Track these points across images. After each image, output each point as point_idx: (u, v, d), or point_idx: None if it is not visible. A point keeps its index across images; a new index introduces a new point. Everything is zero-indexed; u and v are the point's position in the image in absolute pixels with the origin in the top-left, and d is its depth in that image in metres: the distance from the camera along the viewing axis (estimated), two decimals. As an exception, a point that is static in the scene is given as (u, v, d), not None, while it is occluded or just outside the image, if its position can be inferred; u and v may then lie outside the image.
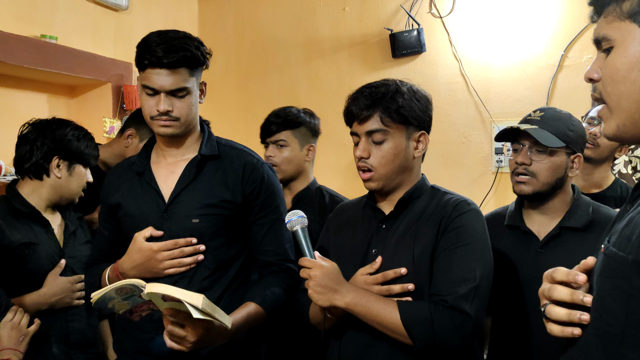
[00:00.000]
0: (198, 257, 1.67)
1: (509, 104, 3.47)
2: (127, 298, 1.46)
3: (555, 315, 0.96)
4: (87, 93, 3.37)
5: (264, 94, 4.01)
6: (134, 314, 1.55)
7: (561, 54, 3.32)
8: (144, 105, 1.67)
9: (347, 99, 1.55)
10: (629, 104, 0.92)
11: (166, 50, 1.59)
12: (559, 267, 0.99)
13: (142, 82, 1.65)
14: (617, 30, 0.93)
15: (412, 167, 1.56)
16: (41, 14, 2.94)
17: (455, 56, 3.56)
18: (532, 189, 1.70)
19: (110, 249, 1.83)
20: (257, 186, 1.73)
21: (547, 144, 1.67)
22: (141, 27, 3.58)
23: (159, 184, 1.73)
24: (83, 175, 2.13)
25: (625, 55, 0.92)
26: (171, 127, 1.66)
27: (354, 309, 1.42)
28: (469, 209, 1.48)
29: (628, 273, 0.84)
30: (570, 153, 1.71)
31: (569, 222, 1.69)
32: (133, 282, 1.39)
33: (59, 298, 2.00)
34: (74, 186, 2.10)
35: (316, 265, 1.44)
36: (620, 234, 0.89)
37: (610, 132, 0.97)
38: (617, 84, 0.93)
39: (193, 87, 1.67)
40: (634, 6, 0.92)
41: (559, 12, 3.31)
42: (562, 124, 1.72)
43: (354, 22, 3.78)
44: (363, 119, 1.50)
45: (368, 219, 1.60)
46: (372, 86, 1.53)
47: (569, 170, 1.72)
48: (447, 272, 1.41)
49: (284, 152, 2.31)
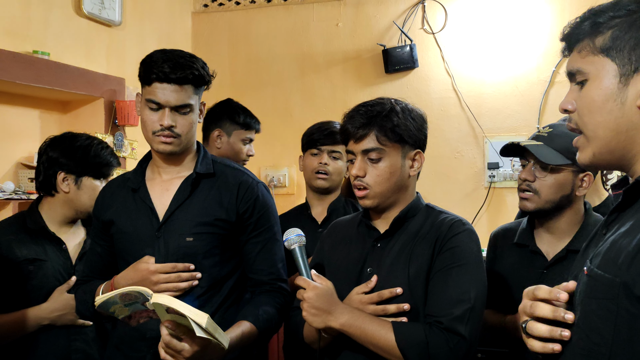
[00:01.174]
0: (193, 283, 1.67)
1: (501, 119, 3.49)
2: (129, 305, 1.46)
3: (537, 332, 0.98)
4: (79, 108, 3.36)
5: (257, 108, 3.98)
6: (132, 319, 1.55)
7: (552, 70, 3.35)
8: (146, 121, 1.67)
9: (343, 117, 1.56)
10: (605, 133, 0.97)
11: (174, 67, 1.61)
12: (541, 285, 1.02)
13: (147, 97, 1.65)
14: (591, 64, 0.98)
15: (408, 185, 1.56)
16: (34, 30, 2.93)
17: (448, 72, 3.58)
18: (535, 206, 1.68)
19: (102, 266, 1.82)
20: (251, 205, 1.73)
21: (546, 161, 1.65)
22: (134, 42, 3.58)
23: (154, 201, 1.72)
24: (94, 188, 2.05)
25: (600, 88, 0.97)
26: (171, 144, 1.66)
27: (348, 330, 1.41)
28: (464, 229, 1.48)
29: (615, 294, 0.88)
30: (578, 171, 1.66)
31: (574, 245, 1.66)
32: (140, 290, 1.39)
33: (61, 314, 1.96)
34: (84, 200, 2.05)
35: (310, 286, 1.44)
36: (604, 257, 0.92)
37: (587, 160, 1.01)
38: (594, 114, 0.98)
39: (196, 105, 1.69)
40: (607, 42, 0.96)
41: (550, 29, 3.35)
42: (568, 140, 1.70)
43: (347, 37, 3.80)
44: (359, 137, 1.50)
45: (363, 237, 1.59)
46: (368, 105, 1.53)
47: (577, 189, 1.68)
48: (442, 292, 1.41)
49: (338, 163, 2.37)
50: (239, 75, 4.03)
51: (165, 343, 1.41)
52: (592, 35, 0.98)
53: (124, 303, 1.45)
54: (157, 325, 1.55)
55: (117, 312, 1.50)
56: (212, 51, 4.04)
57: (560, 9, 3.36)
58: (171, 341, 1.40)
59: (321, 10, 3.86)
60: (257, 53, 4.01)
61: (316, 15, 3.87)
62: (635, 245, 0.87)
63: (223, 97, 4.00)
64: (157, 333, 1.46)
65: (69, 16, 3.14)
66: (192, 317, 1.31)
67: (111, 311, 1.48)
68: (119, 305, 1.46)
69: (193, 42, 4.13)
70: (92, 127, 3.25)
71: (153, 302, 1.36)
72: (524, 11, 3.44)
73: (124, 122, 3.32)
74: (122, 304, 1.45)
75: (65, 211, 2.07)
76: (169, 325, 1.39)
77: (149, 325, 1.62)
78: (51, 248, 2.03)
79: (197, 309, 1.33)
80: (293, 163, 3.86)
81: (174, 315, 1.37)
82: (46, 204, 2.08)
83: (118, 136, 3.35)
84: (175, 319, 1.38)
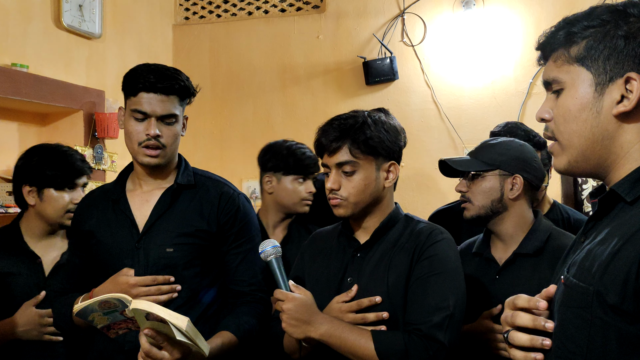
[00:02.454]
0: (173, 295, 1.66)
1: (481, 130, 3.53)
2: (108, 313, 1.45)
3: (519, 341, 0.99)
4: (58, 121, 3.33)
5: (239, 120, 4.02)
6: (110, 330, 1.54)
7: (530, 82, 3.41)
8: (131, 132, 1.67)
9: (317, 130, 1.57)
10: (580, 142, 0.98)
11: (160, 77, 1.64)
12: (521, 294, 1.02)
13: (133, 107, 1.66)
14: (567, 73, 1.00)
15: (384, 196, 1.57)
16: (12, 42, 2.91)
17: (427, 84, 3.62)
18: (471, 214, 1.76)
19: (80, 278, 1.80)
20: (232, 216, 1.73)
21: (463, 169, 1.75)
22: (114, 55, 3.57)
23: (134, 212, 1.72)
24: (57, 199, 2.01)
25: (576, 97, 0.98)
26: (157, 157, 1.67)
27: (328, 340, 1.42)
28: (442, 237, 1.50)
29: (589, 303, 0.88)
30: (506, 176, 1.73)
31: (522, 249, 1.72)
32: (119, 297, 1.38)
33: (26, 329, 1.92)
34: (49, 211, 2.02)
35: (288, 297, 1.44)
36: (579, 266, 0.93)
37: (562, 166, 1.03)
38: (569, 123, 0.99)
39: (180, 116, 1.71)
40: (582, 51, 0.98)
41: (526, 41, 3.41)
42: (493, 149, 1.78)
43: (328, 50, 3.83)
44: (332, 150, 1.52)
45: (343, 248, 1.60)
46: (341, 118, 1.55)
47: (507, 193, 1.73)
48: (421, 300, 1.42)
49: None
50: (220, 87, 4.04)
51: (145, 352, 1.41)
52: (567, 45, 1.00)
53: (103, 311, 1.44)
54: (135, 337, 1.54)
55: (95, 321, 1.48)
56: (193, 63, 4.04)
57: (536, 22, 3.43)
58: (151, 350, 1.40)
59: (302, 22, 3.88)
60: (238, 65, 4.02)
61: (297, 28, 3.90)
62: (609, 254, 0.88)
63: (204, 109, 4.01)
64: (136, 345, 1.45)
65: (48, 29, 3.12)
66: (172, 320, 1.30)
67: (90, 319, 1.47)
68: (98, 314, 1.45)
69: (174, 55, 4.12)
70: (71, 140, 3.23)
71: (132, 308, 1.35)
72: (501, 24, 3.50)
73: (104, 134, 3.30)
74: (100, 311, 1.44)
75: (38, 224, 2.06)
76: (148, 333, 1.38)
77: (127, 337, 1.61)
78: (25, 262, 2.01)
79: (177, 313, 1.33)
80: (275, 175, 3.86)
81: (154, 322, 1.36)
82: (24, 218, 2.08)
83: (98, 149, 3.32)
84: (154, 327, 1.37)
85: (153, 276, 1.64)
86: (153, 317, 1.34)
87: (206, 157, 3.93)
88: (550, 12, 3.37)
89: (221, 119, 4.04)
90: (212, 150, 4.01)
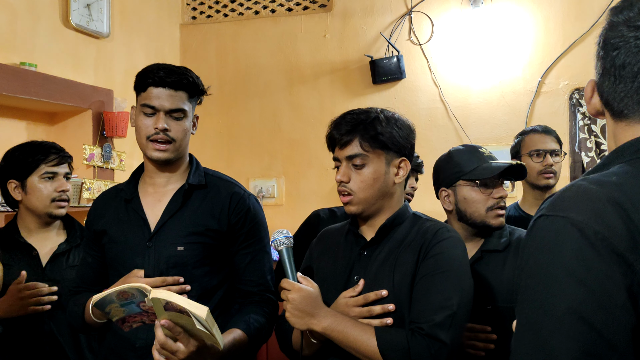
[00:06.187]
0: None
1: (489, 129, 3.53)
2: (125, 304, 1.45)
3: None
4: (67, 120, 3.35)
5: (245, 119, 4.02)
6: (125, 323, 1.54)
7: (538, 80, 3.39)
8: (141, 127, 1.69)
9: (330, 124, 1.59)
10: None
11: (169, 72, 1.68)
12: None
13: (142, 102, 1.69)
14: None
15: (393, 192, 1.57)
16: (20, 41, 2.93)
17: (435, 82, 3.61)
18: None
19: (93, 277, 1.82)
20: (242, 216, 1.75)
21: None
22: (122, 54, 3.58)
23: (146, 212, 1.74)
24: (40, 189, 2.06)
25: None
26: (166, 151, 1.69)
27: (330, 334, 1.42)
28: (449, 235, 1.49)
29: None
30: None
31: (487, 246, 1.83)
32: (138, 287, 1.39)
33: (8, 306, 1.93)
34: (35, 202, 2.07)
35: (295, 288, 1.45)
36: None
37: None
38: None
39: (189, 112, 1.74)
40: None
41: (535, 39, 3.39)
42: None
43: (335, 48, 3.82)
44: (344, 143, 1.53)
45: (350, 245, 1.60)
46: (354, 112, 1.57)
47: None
48: (425, 299, 1.42)
49: None
50: (227, 86, 4.04)
51: (160, 344, 1.41)
52: None
53: (120, 302, 1.44)
54: (147, 334, 1.54)
55: (112, 312, 1.49)
56: (200, 63, 4.06)
57: (545, 20, 3.40)
58: (166, 342, 1.40)
59: (309, 21, 3.88)
60: (245, 64, 4.02)
61: (304, 27, 3.90)
62: None
63: (211, 107, 4.02)
64: (147, 342, 1.45)
65: (56, 28, 3.14)
66: (192, 310, 1.30)
67: (107, 310, 1.48)
68: (115, 305, 1.46)
69: (181, 54, 4.14)
70: (79, 139, 3.25)
71: (152, 298, 1.35)
72: (510, 22, 3.48)
73: (112, 133, 3.31)
74: (118, 303, 1.45)
75: (30, 218, 2.12)
76: (165, 324, 1.39)
77: (139, 334, 1.62)
78: (22, 255, 2.08)
79: (196, 302, 1.33)
80: (282, 174, 3.87)
81: (172, 313, 1.36)
82: (19, 216, 2.15)
83: (106, 147, 3.34)
84: (172, 318, 1.38)
85: (162, 277, 1.65)
86: (172, 307, 1.34)
87: (213, 156, 3.94)
88: (558, 10, 3.35)
89: (228, 118, 4.05)
90: (219, 149, 4.02)
